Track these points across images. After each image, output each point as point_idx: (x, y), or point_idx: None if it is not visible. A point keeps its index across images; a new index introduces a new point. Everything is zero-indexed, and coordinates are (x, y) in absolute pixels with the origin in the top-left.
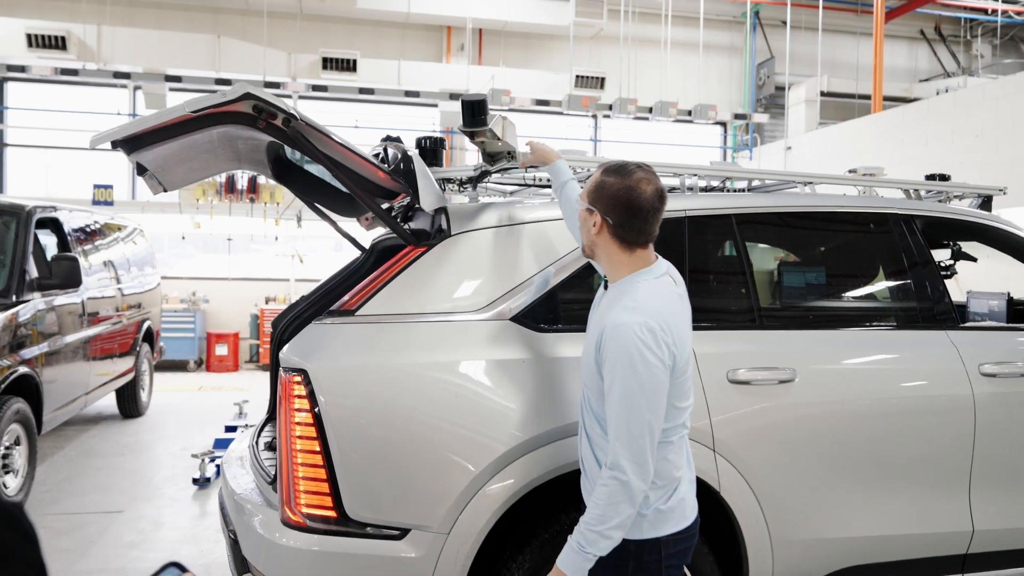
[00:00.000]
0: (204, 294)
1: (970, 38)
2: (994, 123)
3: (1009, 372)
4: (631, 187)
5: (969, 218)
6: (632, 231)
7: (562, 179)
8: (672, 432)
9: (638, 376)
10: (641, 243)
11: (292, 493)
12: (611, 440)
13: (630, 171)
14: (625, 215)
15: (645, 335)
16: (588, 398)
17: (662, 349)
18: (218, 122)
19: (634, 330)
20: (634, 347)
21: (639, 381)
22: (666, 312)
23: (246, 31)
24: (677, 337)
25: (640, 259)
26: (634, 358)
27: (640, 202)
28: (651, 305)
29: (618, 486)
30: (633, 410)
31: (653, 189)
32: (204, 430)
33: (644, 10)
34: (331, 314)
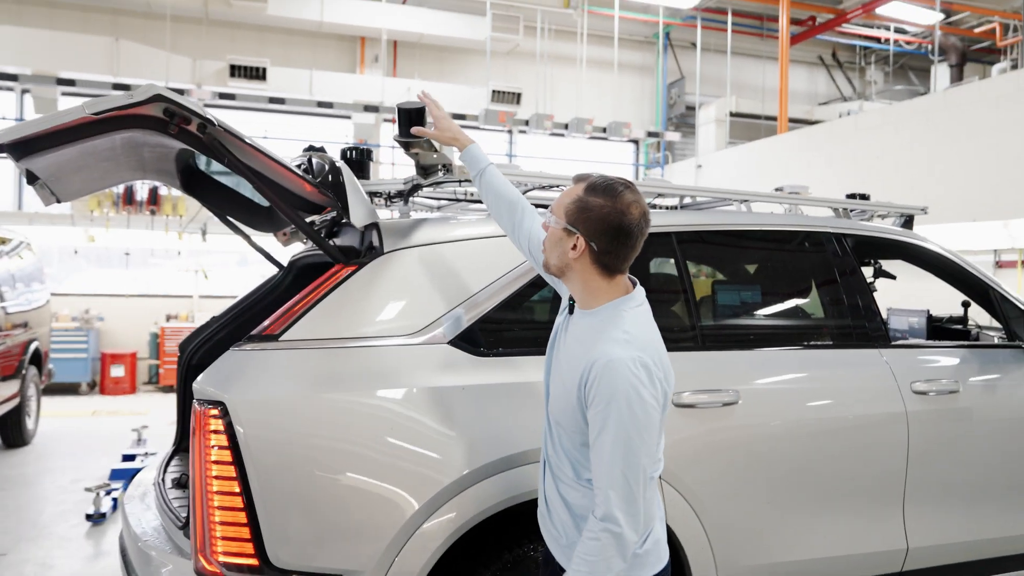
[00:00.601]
0: (98, 311)
1: (864, 65)
2: (894, 146)
3: (938, 389)
4: (622, 211)
5: (898, 237)
6: (618, 258)
7: (480, 166)
8: (654, 470)
9: (635, 418)
10: (623, 270)
11: (207, 539)
12: (601, 487)
13: (619, 192)
14: (613, 241)
15: (640, 372)
16: (558, 436)
17: (656, 387)
18: (123, 126)
19: (628, 367)
20: (630, 386)
21: (636, 423)
22: (657, 344)
23: (147, 35)
24: (667, 371)
25: (619, 286)
26: (631, 398)
27: (630, 227)
28: (643, 338)
29: (611, 539)
30: (629, 455)
31: (640, 212)
32: (99, 459)
33: (560, 27)
34: (251, 339)
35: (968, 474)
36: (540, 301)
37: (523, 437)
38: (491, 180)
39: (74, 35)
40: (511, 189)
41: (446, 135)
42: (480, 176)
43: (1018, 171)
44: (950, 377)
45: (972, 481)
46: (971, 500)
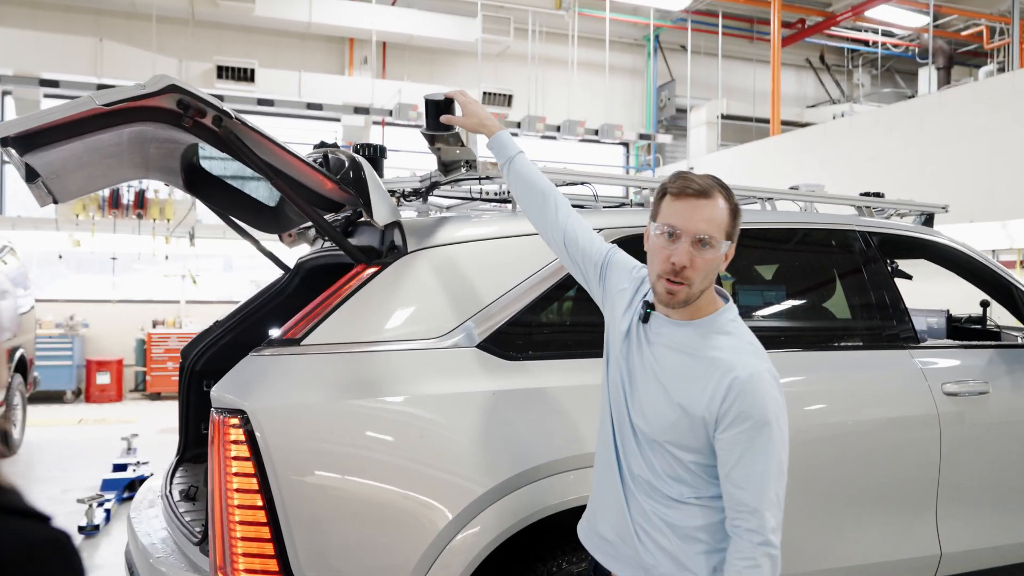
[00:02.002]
0: (83, 318)
1: (852, 68)
2: (887, 148)
3: (969, 391)
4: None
5: (923, 235)
6: None
7: (509, 153)
8: None
9: (783, 434)
10: None
11: (228, 555)
12: (756, 508)
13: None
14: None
15: (777, 386)
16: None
17: (783, 399)
18: (135, 119)
19: (771, 381)
20: (775, 401)
21: (783, 440)
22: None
23: (132, 35)
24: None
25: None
26: (779, 414)
27: None
28: (758, 345)
29: (769, 564)
30: (781, 472)
31: None
32: (87, 469)
33: (550, 30)
34: (272, 344)
35: (1000, 476)
36: (572, 302)
37: (557, 444)
38: (520, 169)
39: (57, 36)
40: (542, 178)
41: (472, 121)
42: (509, 164)
43: (1013, 173)
44: (979, 378)
45: (1004, 483)
46: (1004, 503)
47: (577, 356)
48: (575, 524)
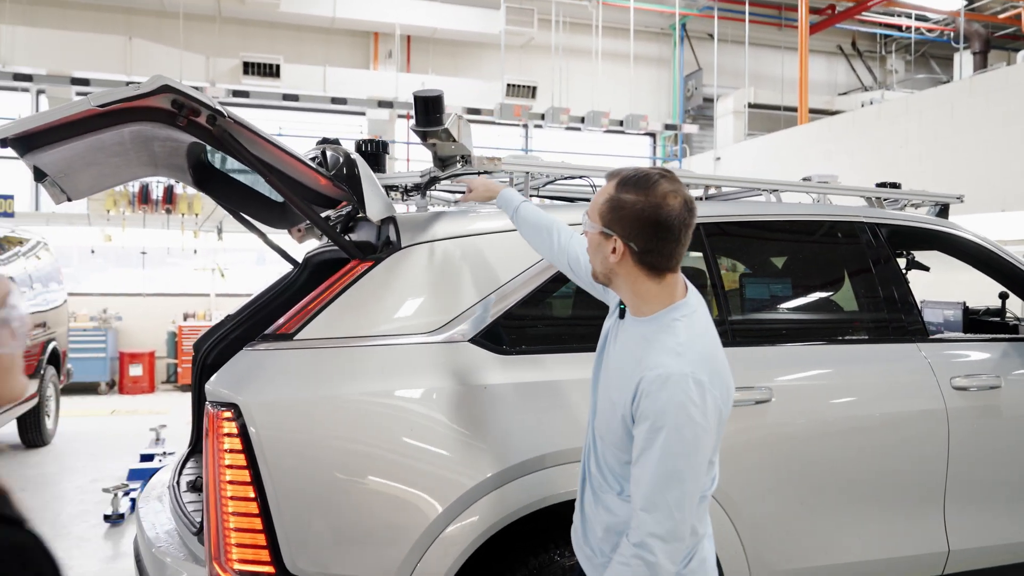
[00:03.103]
0: (116, 311)
1: (885, 54)
2: (917, 135)
3: (979, 385)
4: (657, 204)
5: (934, 226)
6: (662, 256)
7: (513, 206)
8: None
9: (682, 441)
10: (672, 267)
11: (222, 545)
12: (639, 509)
13: (653, 182)
14: (653, 239)
15: (692, 390)
16: (602, 451)
17: (707, 406)
18: (131, 119)
19: (680, 384)
20: (680, 405)
21: (683, 446)
22: (711, 357)
23: (161, 33)
24: (724, 387)
25: (671, 287)
26: (679, 419)
27: (669, 221)
28: (698, 349)
29: (642, 568)
30: (672, 480)
31: (681, 202)
32: (117, 459)
33: (575, 20)
34: (265, 338)
35: (1011, 472)
36: (565, 297)
37: (548, 439)
38: (525, 215)
39: (87, 35)
40: (543, 216)
41: (481, 192)
42: (515, 214)
43: None
44: (991, 372)
45: (1016, 479)
46: (1016, 499)
47: (570, 350)
48: (568, 517)
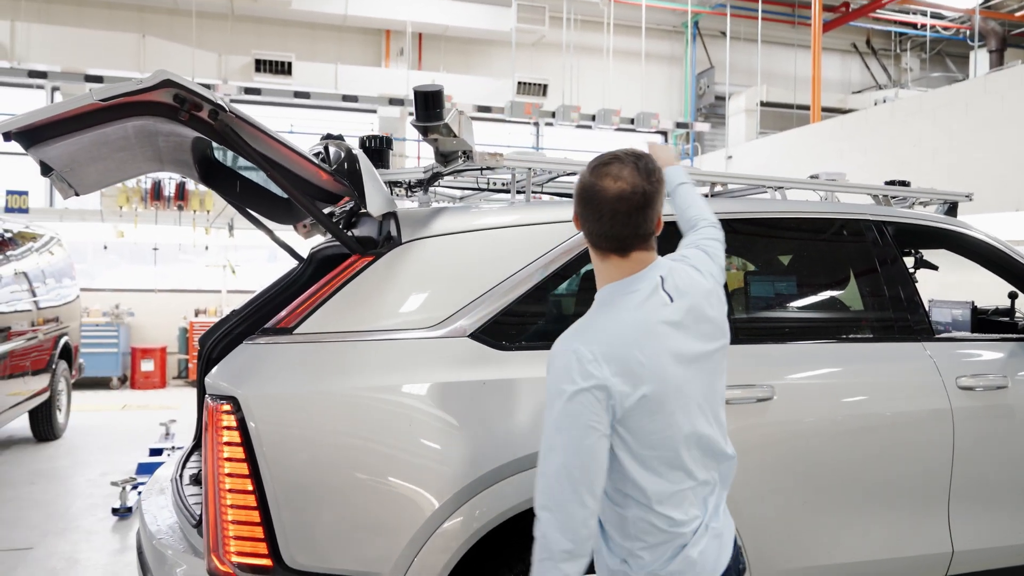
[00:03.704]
0: (128, 307)
1: (900, 52)
2: (931, 134)
3: (986, 384)
4: (591, 184)
5: (941, 225)
6: (596, 235)
7: (673, 183)
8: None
9: (553, 411)
10: (612, 250)
11: (220, 539)
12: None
13: (602, 163)
14: (587, 216)
15: (569, 363)
16: None
17: (588, 381)
18: (133, 113)
19: (560, 357)
20: (554, 378)
21: (554, 417)
22: (614, 336)
23: (173, 31)
24: (623, 369)
25: (617, 269)
26: (553, 392)
27: (596, 200)
28: (597, 326)
29: (537, 539)
30: (550, 451)
31: (619, 188)
32: (127, 453)
33: (586, 18)
34: (265, 332)
35: (1017, 473)
36: (565, 293)
37: None
38: (676, 199)
39: (101, 32)
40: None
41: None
42: (673, 193)
43: None
44: (998, 372)
45: (1021, 481)
46: (1020, 501)
47: None
48: None
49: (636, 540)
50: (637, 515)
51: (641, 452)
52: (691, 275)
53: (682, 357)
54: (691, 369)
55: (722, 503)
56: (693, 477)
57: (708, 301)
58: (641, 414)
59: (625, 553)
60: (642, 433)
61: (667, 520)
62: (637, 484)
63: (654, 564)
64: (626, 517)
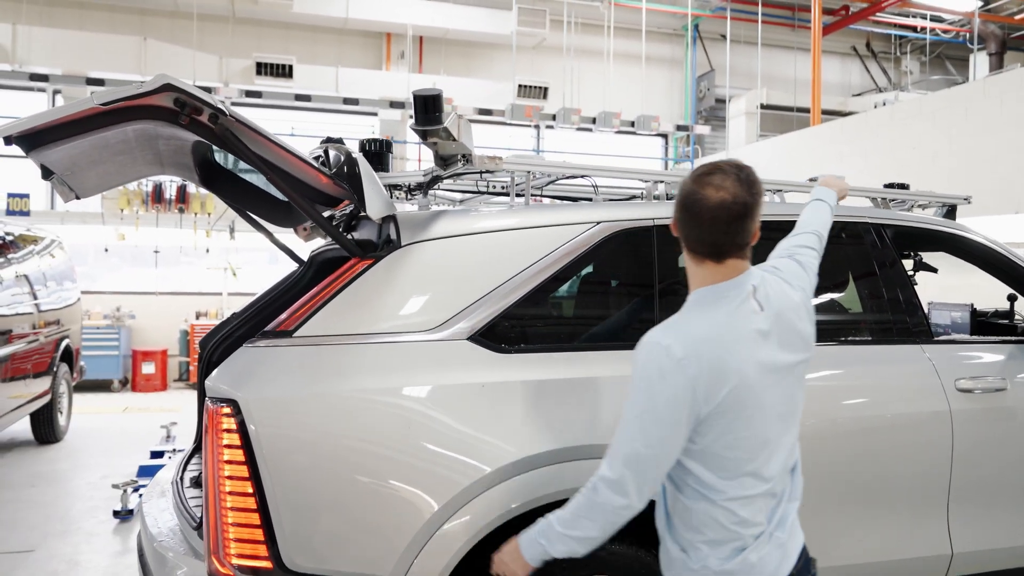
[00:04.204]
0: (130, 309)
1: (899, 55)
2: (929, 136)
3: (984, 387)
4: (694, 191)
5: (940, 227)
6: (693, 240)
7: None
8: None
9: (637, 402)
10: (708, 255)
11: (220, 541)
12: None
13: (705, 172)
14: (686, 222)
15: (662, 358)
16: None
17: (677, 381)
18: (133, 117)
19: (650, 350)
20: (644, 370)
21: (640, 405)
22: (704, 338)
23: (175, 34)
24: (711, 371)
25: (711, 274)
26: (640, 382)
27: (697, 208)
28: (689, 326)
29: (588, 502)
30: (625, 435)
31: (721, 197)
32: (128, 456)
33: (586, 21)
34: (265, 335)
35: (1016, 475)
36: (564, 297)
37: (546, 436)
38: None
39: (103, 35)
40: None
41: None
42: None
43: None
44: (997, 374)
45: (1020, 483)
46: (1019, 503)
47: (569, 349)
48: None
49: (697, 532)
50: (703, 508)
51: (717, 452)
52: (782, 288)
53: (767, 366)
54: (774, 378)
55: (790, 515)
56: (763, 484)
57: (797, 314)
58: (722, 416)
59: (685, 543)
60: (720, 434)
61: (732, 517)
62: (708, 482)
63: (711, 559)
64: (692, 509)
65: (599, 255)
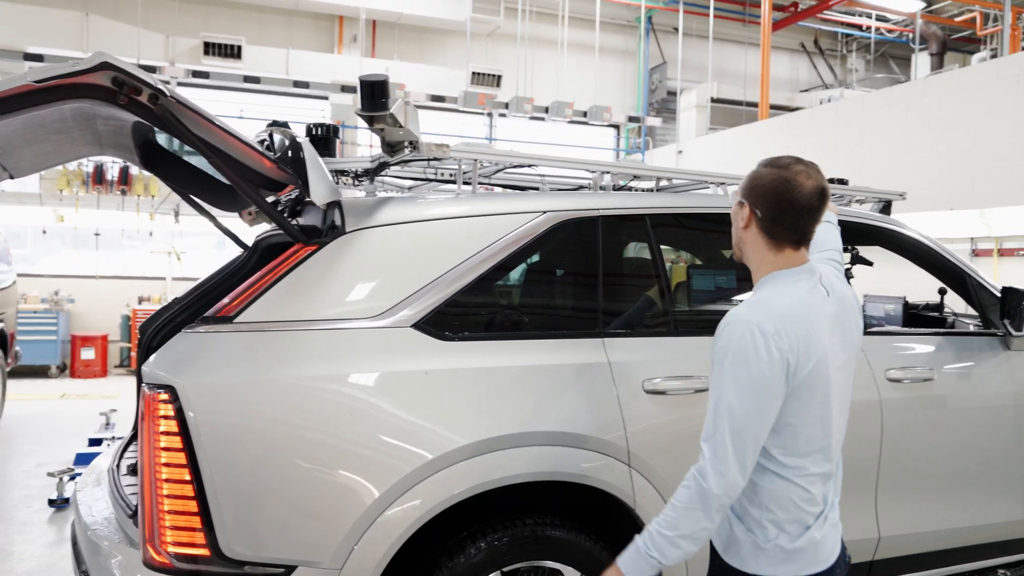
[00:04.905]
0: (69, 293)
1: (846, 52)
2: (871, 133)
3: (913, 377)
4: (788, 179)
5: (875, 222)
6: (782, 227)
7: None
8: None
9: (737, 379)
10: (791, 242)
11: (156, 529)
12: (701, 440)
13: (788, 163)
14: (776, 207)
15: (755, 336)
16: None
17: (772, 356)
18: (69, 96)
19: (740, 328)
20: (739, 347)
21: (738, 385)
22: (790, 316)
23: (119, 10)
24: (798, 345)
25: (786, 260)
26: (736, 359)
27: (795, 194)
28: (773, 305)
29: (697, 490)
30: (725, 411)
31: (813, 184)
32: (65, 443)
33: (541, 10)
34: (205, 321)
35: (941, 462)
36: (508, 285)
37: (489, 424)
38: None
39: (42, 8)
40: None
41: None
42: None
43: (994, 160)
44: (925, 365)
45: (945, 469)
46: (944, 489)
47: (512, 337)
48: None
49: (767, 511)
50: (777, 486)
51: (796, 427)
52: (839, 279)
53: (835, 348)
54: (839, 361)
55: (838, 498)
56: (828, 463)
57: (853, 305)
58: (804, 390)
59: (752, 522)
60: (801, 410)
61: (804, 494)
62: (782, 460)
63: (781, 537)
64: (763, 487)
65: (545, 244)
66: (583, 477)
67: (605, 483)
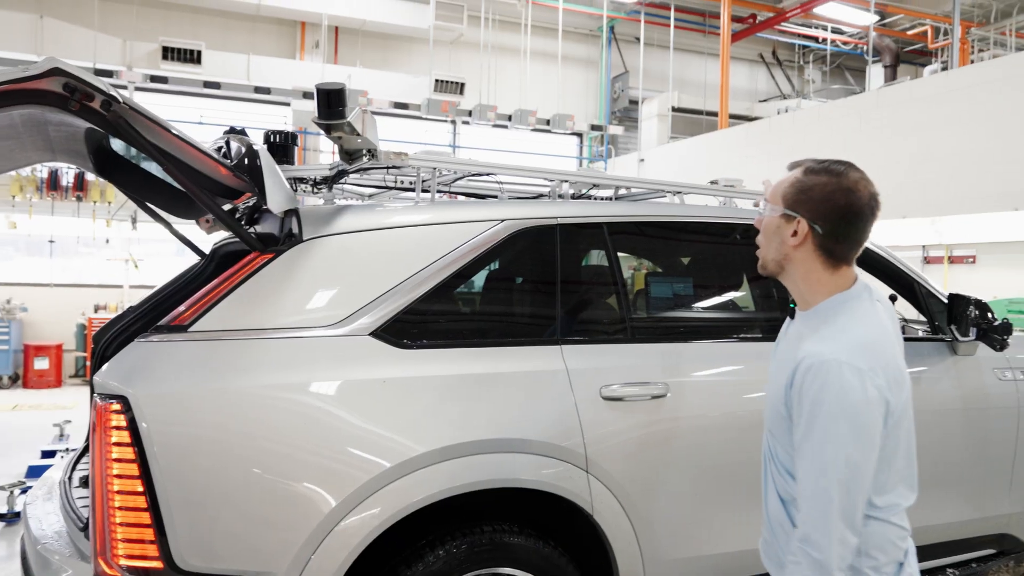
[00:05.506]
0: (21, 301)
1: (803, 64)
2: (828, 142)
3: None
4: (849, 188)
5: None
6: (844, 242)
7: None
8: (898, 498)
9: (836, 426)
10: (849, 259)
11: (108, 541)
12: (800, 502)
13: (842, 170)
14: (840, 222)
15: (848, 376)
16: (773, 448)
17: (868, 394)
18: (19, 101)
19: (835, 370)
20: (837, 393)
21: (838, 432)
22: (877, 346)
23: (75, 13)
24: (890, 377)
25: (843, 279)
26: (837, 407)
27: (860, 206)
28: (858, 335)
29: (810, 564)
30: (830, 466)
31: (869, 192)
32: (17, 456)
33: (504, 18)
34: (159, 330)
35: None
36: (467, 293)
37: (447, 432)
38: None
39: None
40: None
41: None
42: None
43: (945, 169)
44: None
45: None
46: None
47: (470, 345)
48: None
49: (867, 558)
50: (871, 529)
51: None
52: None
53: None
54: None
55: None
56: (912, 494)
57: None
58: (896, 422)
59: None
60: (893, 444)
61: (899, 532)
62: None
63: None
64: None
65: (503, 252)
66: (541, 484)
67: (563, 490)
